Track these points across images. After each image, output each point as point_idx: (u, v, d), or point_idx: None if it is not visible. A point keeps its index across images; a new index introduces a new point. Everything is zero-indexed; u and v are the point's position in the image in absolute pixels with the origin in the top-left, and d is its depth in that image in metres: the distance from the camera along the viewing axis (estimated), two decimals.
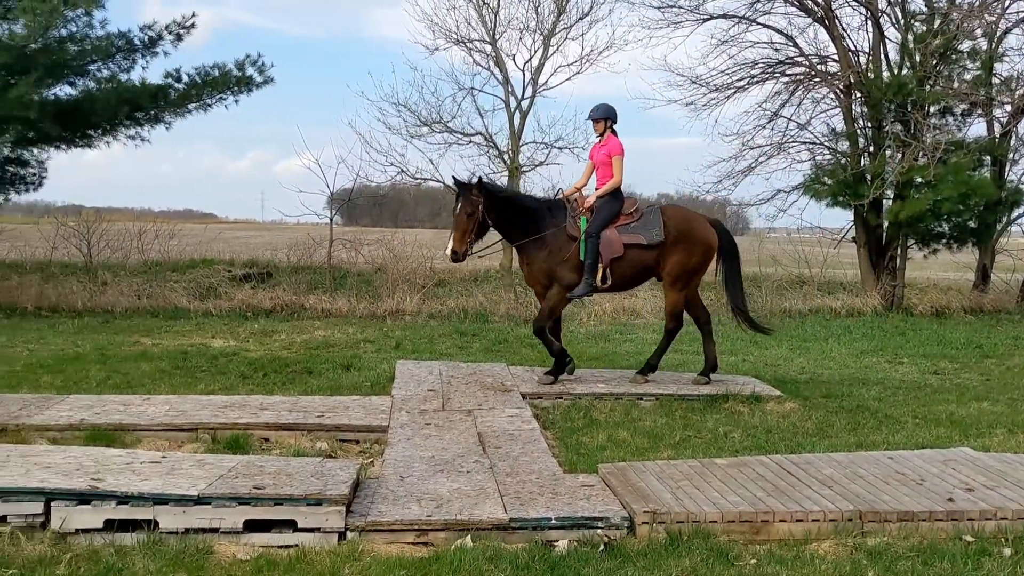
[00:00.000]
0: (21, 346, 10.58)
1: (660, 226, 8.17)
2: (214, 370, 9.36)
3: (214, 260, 19.71)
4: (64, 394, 7.68)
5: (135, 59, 15.14)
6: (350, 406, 7.35)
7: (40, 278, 15.45)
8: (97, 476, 4.71)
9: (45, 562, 4.18)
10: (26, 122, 13.23)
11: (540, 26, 15.95)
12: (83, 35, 14.20)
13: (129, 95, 14.41)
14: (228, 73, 15.30)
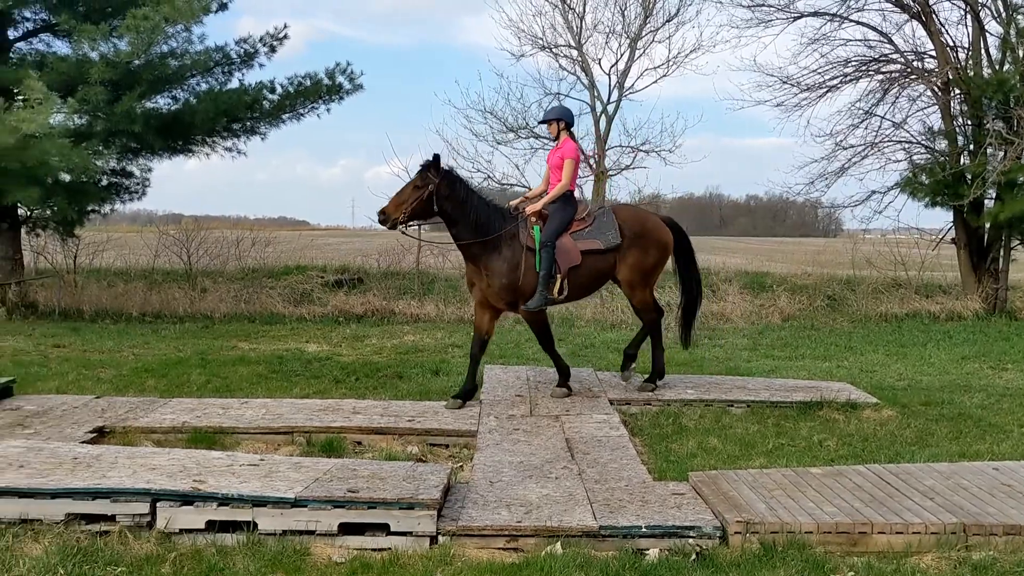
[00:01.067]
0: (128, 351, 11.03)
1: (615, 228, 7.78)
2: (308, 374, 9.59)
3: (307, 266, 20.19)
4: (168, 397, 7.99)
5: (232, 72, 15.66)
6: (440, 411, 7.45)
7: (144, 285, 16.09)
8: (199, 478, 4.88)
9: (152, 561, 4.36)
10: (131, 135, 13.81)
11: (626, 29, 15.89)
12: (183, 50, 14.76)
13: (226, 107, 14.90)
14: (319, 82, 15.67)
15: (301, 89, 15.53)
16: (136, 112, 13.43)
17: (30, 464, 5.14)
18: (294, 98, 15.50)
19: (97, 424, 6.78)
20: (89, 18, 13.37)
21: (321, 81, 15.62)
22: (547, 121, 8.12)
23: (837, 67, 16.88)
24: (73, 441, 6.15)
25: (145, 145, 14.62)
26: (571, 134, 8.01)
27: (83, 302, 14.92)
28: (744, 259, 25.46)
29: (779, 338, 13.30)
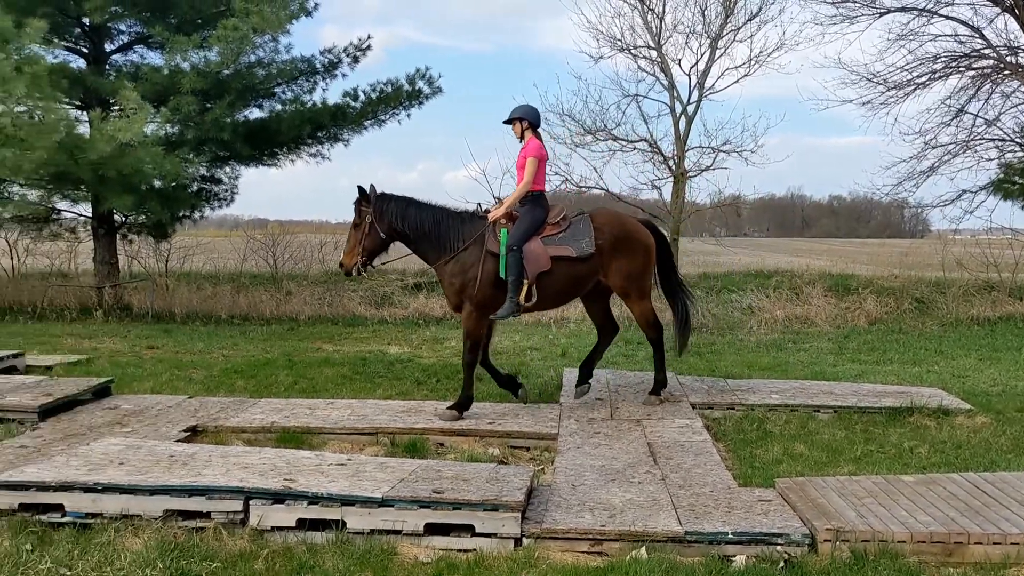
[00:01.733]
0: (217, 352, 11.36)
1: (590, 236, 7.36)
2: (391, 376, 9.74)
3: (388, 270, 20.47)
4: (256, 398, 8.21)
5: (316, 81, 16.02)
6: (520, 413, 7.48)
7: (232, 288, 16.55)
8: (290, 477, 5.01)
9: (245, 557, 4.49)
10: (220, 142, 14.25)
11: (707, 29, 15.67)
12: (270, 60, 15.17)
13: (311, 115, 15.25)
14: (400, 88, 15.90)
15: (383, 96, 15.78)
16: (225, 121, 13.85)
17: (129, 461, 5.35)
18: (376, 105, 15.77)
19: (190, 423, 7.01)
20: (181, 30, 13.84)
21: (402, 87, 15.85)
22: (511, 121, 7.65)
23: (926, 63, 16.42)
24: (168, 439, 6.36)
25: (233, 153, 15.07)
26: (536, 134, 7.61)
27: (174, 305, 15.42)
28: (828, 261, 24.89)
29: (865, 342, 12.97)
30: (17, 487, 4.91)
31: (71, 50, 15.04)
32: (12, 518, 4.81)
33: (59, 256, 18.62)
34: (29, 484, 4.91)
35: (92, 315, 14.46)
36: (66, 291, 15.94)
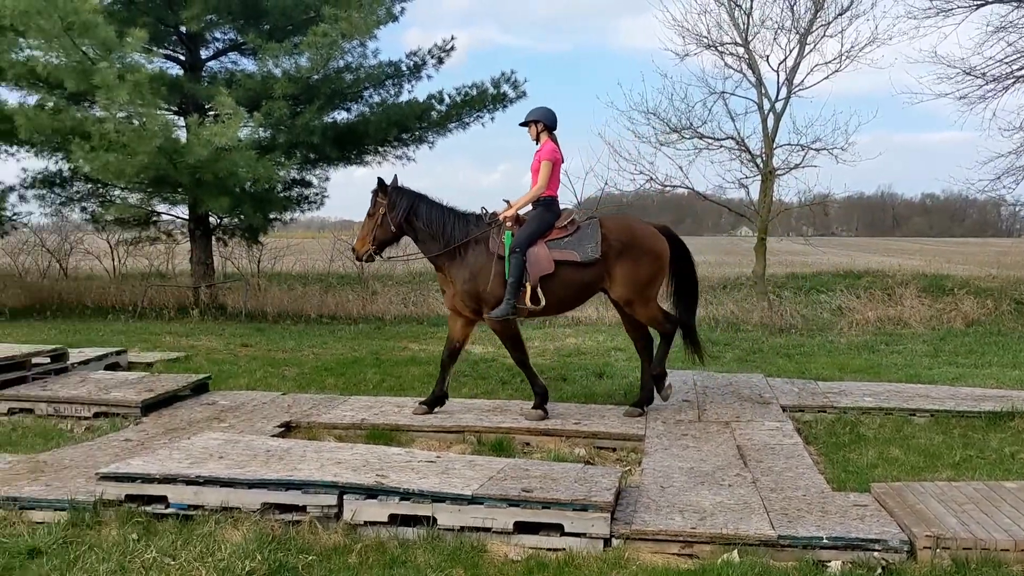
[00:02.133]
0: (308, 350, 11.64)
1: (597, 241, 7.20)
2: (475, 375, 9.83)
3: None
4: (346, 395, 8.38)
5: (402, 84, 16.28)
6: (606, 414, 7.46)
7: (321, 288, 16.94)
8: (382, 473, 5.10)
9: (339, 551, 4.59)
10: (310, 146, 14.61)
11: (796, 25, 15.36)
12: (358, 65, 15.49)
13: (397, 117, 15.51)
14: (485, 92, 16.04)
15: (467, 99, 15.95)
16: (315, 124, 14.18)
17: (229, 455, 5.52)
18: (460, 108, 15.95)
19: (284, 419, 7.20)
20: (273, 36, 14.24)
21: (487, 91, 15.99)
22: (527, 123, 7.59)
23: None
24: (264, 435, 6.55)
25: (322, 155, 15.43)
26: (552, 136, 7.52)
27: (266, 304, 15.86)
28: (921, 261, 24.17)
29: (963, 344, 12.54)
30: (124, 479, 5.11)
31: (169, 58, 15.62)
32: (119, 508, 5.01)
33: (157, 257, 19.38)
34: (135, 476, 5.10)
35: (189, 314, 14.97)
36: (164, 291, 16.55)
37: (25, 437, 7.03)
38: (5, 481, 5.43)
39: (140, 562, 4.39)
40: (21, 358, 8.16)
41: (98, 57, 12.13)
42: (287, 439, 6.48)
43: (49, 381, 8.25)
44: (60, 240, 20.04)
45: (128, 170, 12.45)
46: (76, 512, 4.97)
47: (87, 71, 12.10)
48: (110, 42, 11.91)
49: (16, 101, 14.11)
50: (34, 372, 8.27)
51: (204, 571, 4.27)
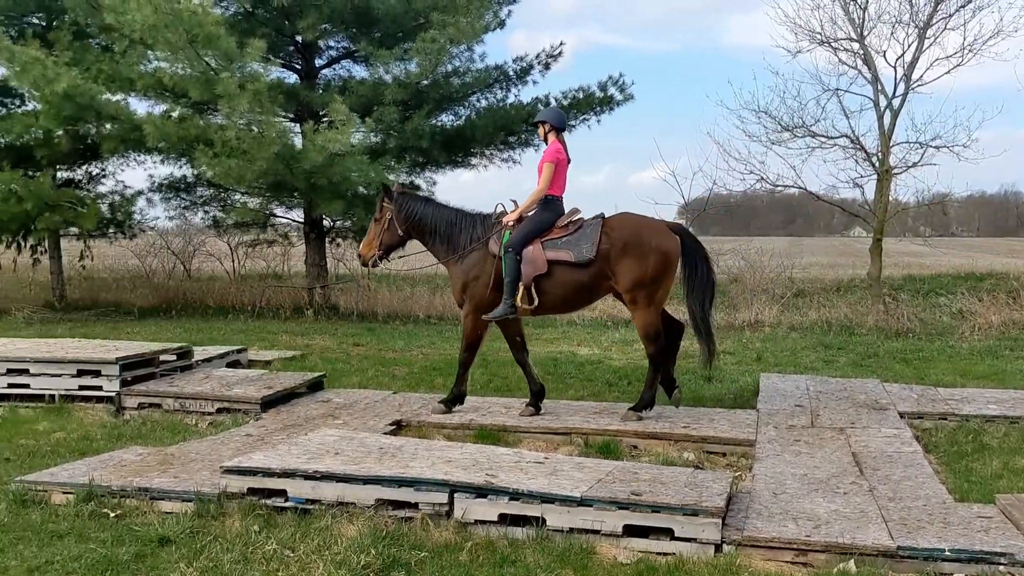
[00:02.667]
0: (416, 350, 11.87)
1: (594, 241, 7.07)
2: (582, 377, 9.84)
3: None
4: None
5: (509, 88, 16.44)
6: (715, 418, 7.37)
7: (428, 290, 17.23)
8: (491, 472, 5.17)
9: (450, 548, 4.68)
10: (419, 150, 14.90)
11: (914, 18, 14.81)
12: (465, 69, 15.72)
13: (503, 121, 15.66)
14: (591, 95, 16.05)
15: (574, 102, 15.99)
16: (424, 129, 14.45)
17: (344, 452, 5.69)
18: (567, 110, 15.98)
19: (395, 417, 7.38)
20: (384, 44, 14.58)
21: (593, 94, 16.00)
22: (536, 124, 7.63)
23: None
24: (376, 432, 6.73)
25: (431, 159, 15.71)
26: (559, 137, 7.45)
27: (376, 305, 16.23)
28: None
29: None
30: (246, 472, 5.33)
31: (285, 67, 16.18)
32: (242, 501, 5.23)
33: (274, 259, 20.06)
34: (256, 470, 5.32)
35: (304, 314, 15.45)
36: (281, 292, 17.13)
37: (154, 431, 7.41)
38: (137, 472, 5.74)
39: (261, 553, 4.57)
40: (150, 355, 8.60)
41: (220, 67, 12.68)
42: (398, 437, 6.64)
43: (175, 377, 8.66)
44: (184, 243, 20.99)
45: (248, 175, 12.97)
46: (202, 503, 5.21)
47: (210, 81, 12.67)
48: (231, 53, 12.43)
49: (145, 111, 14.87)
50: (162, 369, 8.70)
51: (322, 564, 4.42)
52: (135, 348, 8.77)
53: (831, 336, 13.23)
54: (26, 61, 13.14)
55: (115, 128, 14.41)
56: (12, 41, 13.85)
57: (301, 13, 14.37)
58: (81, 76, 13.42)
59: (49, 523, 5.08)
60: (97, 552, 4.61)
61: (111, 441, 7.02)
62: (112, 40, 14.07)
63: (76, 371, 8.09)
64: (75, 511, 5.24)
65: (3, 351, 8.49)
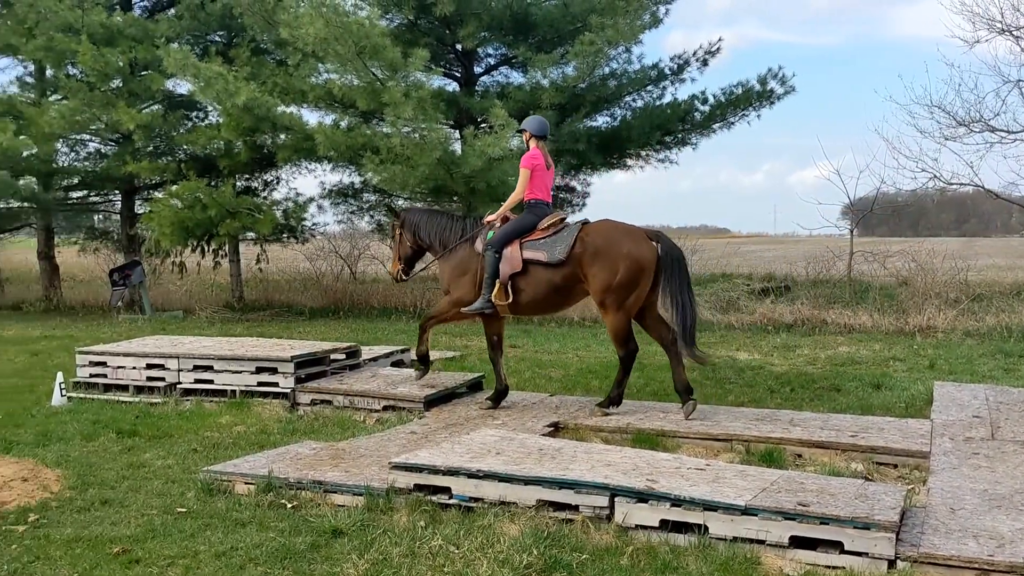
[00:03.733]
0: (572, 353, 11.95)
1: (569, 244, 7.38)
2: (741, 382, 9.65)
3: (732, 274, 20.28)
4: None
5: (665, 87, 16.31)
6: (884, 428, 7.06)
7: None
8: (651, 478, 5.16)
9: (611, 552, 4.69)
10: (575, 152, 14.99)
11: None
12: (622, 71, 15.71)
13: (660, 120, 15.56)
14: (751, 89, 15.72)
15: (732, 98, 15.70)
16: (580, 131, 14.54)
17: (505, 452, 5.81)
18: (725, 107, 15.72)
19: (553, 419, 7.46)
20: (541, 48, 14.77)
21: (752, 88, 15.66)
22: (521, 131, 8.06)
23: None
24: (534, 433, 6.82)
25: (586, 161, 15.77)
26: (540, 144, 7.82)
27: None
28: None
29: None
30: (412, 469, 5.52)
31: (446, 75, 16.63)
32: (408, 496, 5.43)
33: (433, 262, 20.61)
34: (422, 467, 5.50)
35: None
36: (441, 294, 17.56)
37: (325, 426, 7.79)
38: (311, 466, 6.06)
39: (428, 548, 4.72)
40: (322, 354, 9.04)
41: (385, 77, 13.19)
42: (557, 439, 6.71)
43: (344, 375, 9.07)
44: (350, 246, 21.92)
45: (411, 181, 13.44)
46: (371, 498, 5.44)
47: (376, 91, 13.21)
48: (396, 63, 12.92)
49: (316, 121, 15.64)
50: (332, 367, 9.13)
51: (485, 562, 4.53)
52: (308, 347, 9.24)
53: (1012, 343, 12.41)
54: (210, 77, 14.09)
55: (289, 138, 15.26)
56: (197, 58, 14.87)
57: (462, 22, 14.75)
58: (258, 89, 14.28)
59: (233, 511, 5.42)
60: (276, 541, 4.89)
61: (286, 435, 7.43)
62: (286, 54, 14.92)
63: (255, 368, 8.61)
64: (255, 501, 5.58)
65: (191, 349, 9.14)
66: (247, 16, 15.11)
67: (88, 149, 19.46)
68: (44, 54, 16.47)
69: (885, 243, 20.57)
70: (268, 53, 16.96)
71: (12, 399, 8.95)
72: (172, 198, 16.11)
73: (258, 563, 4.62)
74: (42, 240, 19.80)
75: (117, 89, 16.75)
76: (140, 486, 5.99)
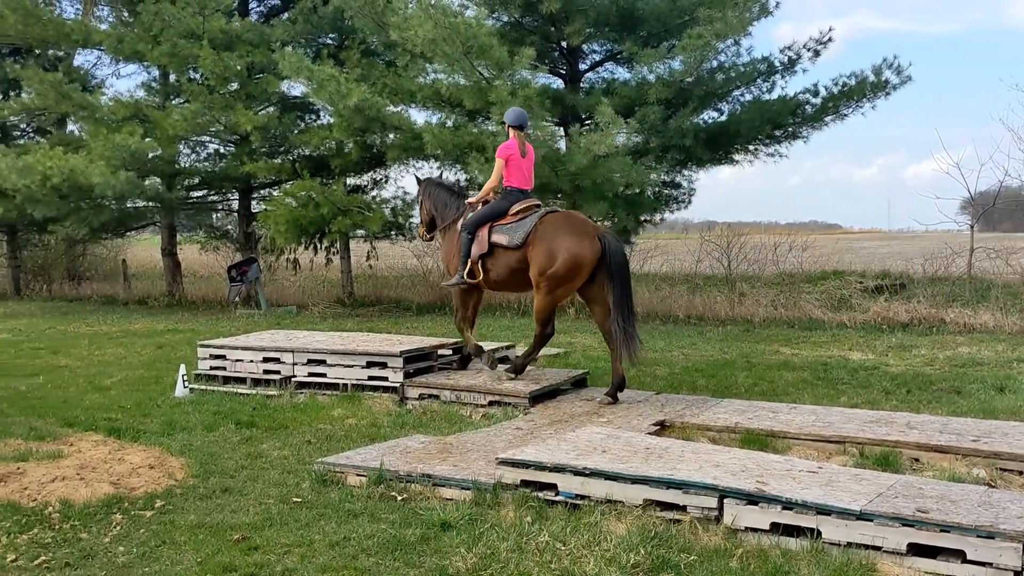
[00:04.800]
0: (677, 351, 11.82)
1: (527, 231, 8.09)
2: (855, 383, 9.37)
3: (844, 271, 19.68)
4: (718, 397, 8.40)
5: (774, 80, 15.93)
6: (1009, 432, 6.74)
7: (687, 289, 17.07)
8: (761, 480, 5.08)
9: (720, 554, 4.64)
10: (681, 148, 14.81)
11: None
12: (731, 64, 15.43)
13: (770, 114, 15.21)
14: (864, 80, 15.21)
15: (845, 90, 15.23)
16: (687, 127, 14.35)
17: (611, 450, 5.81)
18: (838, 99, 15.26)
19: (658, 418, 7.40)
20: (647, 43, 14.63)
21: (866, 79, 15.15)
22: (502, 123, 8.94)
23: None
24: (640, 432, 6.79)
25: (692, 157, 15.56)
26: (518, 134, 8.45)
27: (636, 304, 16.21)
28: None
29: None
30: (519, 465, 5.58)
31: (551, 72, 16.65)
32: (515, 492, 5.49)
33: None
34: (529, 463, 5.56)
35: (566, 312, 15.84)
36: None
37: (433, 420, 7.93)
38: (420, 459, 6.19)
39: (535, 544, 4.76)
40: (430, 349, 9.21)
41: (492, 76, 13.30)
42: (663, 438, 6.67)
43: (451, 371, 9.21)
44: None
45: None
46: (479, 492, 5.53)
47: (483, 90, 13.35)
48: (503, 62, 13.01)
49: (423, 120, 15.91)
50: (439, 362, 9.29)
51: (592, 559, 4.54)
52: (416, 342, 9.42)
53: None
54: (323, 79, 14.49)
55: (398, 138, 15.57)
56: (310, 61, 15.32)
57: (568, 19, 14.74)
58: (369, 90, 14.61)
59: (345, 502, 5.59)
60: (387, 532, 5.02)
61: (396, 428, 7.60)
62: (395, 55, 15.21)
63: (366, 363, 8.84)
64: (367, 492, 5.74)
65: (305, 343, 9.44)
66: (358, 19, 15.47)
67: (208, 150, 20.31)
68: (168, 59, 17.25)
69: (1009, 239, 19.62)
70: (378, 55, 17.33)
71: (140, 390, 9.43)
72: (287, 197, 16.65)
73: (370, 554, 4.75)
74: (166, 238, 20.75)
75: (235, 92, 17.41)
76: (258, 475, 6.23)
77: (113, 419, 7.92)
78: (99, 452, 6.59)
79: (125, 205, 18.63)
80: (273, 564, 4.63)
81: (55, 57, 21.18)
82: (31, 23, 17.51)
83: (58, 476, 5.93)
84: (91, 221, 17.97)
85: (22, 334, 14.62)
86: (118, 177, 16.04)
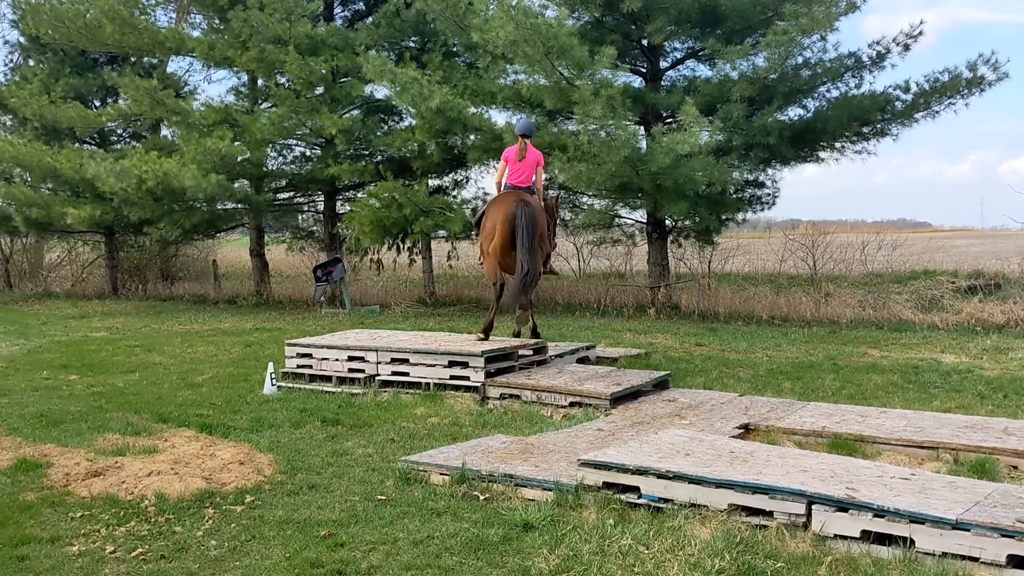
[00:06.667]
0: (760, 352, 11.62)
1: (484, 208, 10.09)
2: (947, 387, 9.08)
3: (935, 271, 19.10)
4: (804, 400, 8.23)
5: (862, 75, 15.52)
6: None
7: (770, 289, 16.77)
8: (851, 486, 4.95)
9: (808, 561, 4.54)
10: (765, 146, 14.54)
11: None
12: (816, 60, 15.07)
13: (858, 111, 14.82)
14: (958, 76, 14.70)
15: (937, 86, 14.74)
16: (771, 124, 14.08)
17: (694, 453, 5.74)
18: (929, 96, 14.78)
19: (742, 421, 7.29)
20: (730, 40, 14.40)
21: (960, 75, 14.64)
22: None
23: None
24: (724, 435, 6.70)
25: (776, 155, 15.26)
26: (520, 140, 9.78)
27: (717, 304, 16.08)
28: None
29: None
30: (601, 466, 5.56)
31: (632, 71, 16.54)
32: (597, 494, 5.47)
33: (617, 258, 20.63)
34: (611, 465, 5.53)
35: (646, 312, 15.74)
36: (624, 290, 17.59)
37: (514, 420, 7.96)
38: (502, 459, 6.22)
39: (617, 547, 4.74)
40: (510, 350, 9.25)
41: (572, 76, 13.29)
42: (748, 441, 6.56)
43: (532, 371, 9.24)
44: None
45: (597, 178, 13.48)
46: (561, 493, 5.52)
47: (563, 90, 13.34)
48: (583, 62, 12.98)
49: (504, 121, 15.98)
50: (520, 363, 9.32)
51: (676, 564, 4.50)
52: (497, 342, 9.48)
53: None
54: (405, 82, 14.68)
55: (479, 139, 15.68)
56: (393, 64, 15.54)
57: (649, 17, 14.62)
58: (450, 92, 14.75)
59: (428, 501, 5.65)
60: (470, 532, 5.05)
61: (477, 428, 7.65)
62: (476, 57, 15.31)
63: (448, 362, 8.92)
64: (450, 491, 5.79)
65: (388, 342, 9.58)
66: (440, 21, 15.62)
67: (294, 153, 20.79)
68: (256, 65, 17.70)
69: None
70: (459, 56, 17.47)
71: (230, 387, 9.70)
72: (371, 198, 16.92)
73: (453, 553, 4.79)
74: (254, 239, 21.30)
75: (320, 96, 17.76)
76: (343, 473, 6.34)
77: (204, 415, 8.16)
78: (191, 447, 6.82)
79: (215, 207, 19.20)
80: (358, 561, 4.71)
81: (150, 64, 21.96)
82: (127, 32, 18.16)
83: (153, 470, 6.15)
84: (183, 223, 18.58)
85: (119, 332, 15.19)
86: (209, 180, 16.53)
